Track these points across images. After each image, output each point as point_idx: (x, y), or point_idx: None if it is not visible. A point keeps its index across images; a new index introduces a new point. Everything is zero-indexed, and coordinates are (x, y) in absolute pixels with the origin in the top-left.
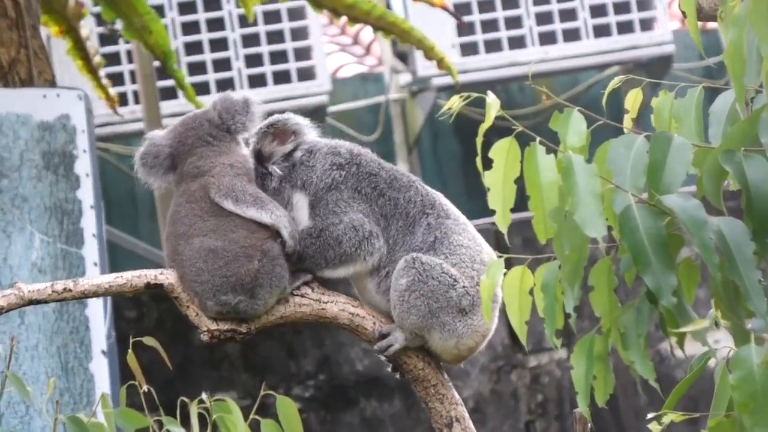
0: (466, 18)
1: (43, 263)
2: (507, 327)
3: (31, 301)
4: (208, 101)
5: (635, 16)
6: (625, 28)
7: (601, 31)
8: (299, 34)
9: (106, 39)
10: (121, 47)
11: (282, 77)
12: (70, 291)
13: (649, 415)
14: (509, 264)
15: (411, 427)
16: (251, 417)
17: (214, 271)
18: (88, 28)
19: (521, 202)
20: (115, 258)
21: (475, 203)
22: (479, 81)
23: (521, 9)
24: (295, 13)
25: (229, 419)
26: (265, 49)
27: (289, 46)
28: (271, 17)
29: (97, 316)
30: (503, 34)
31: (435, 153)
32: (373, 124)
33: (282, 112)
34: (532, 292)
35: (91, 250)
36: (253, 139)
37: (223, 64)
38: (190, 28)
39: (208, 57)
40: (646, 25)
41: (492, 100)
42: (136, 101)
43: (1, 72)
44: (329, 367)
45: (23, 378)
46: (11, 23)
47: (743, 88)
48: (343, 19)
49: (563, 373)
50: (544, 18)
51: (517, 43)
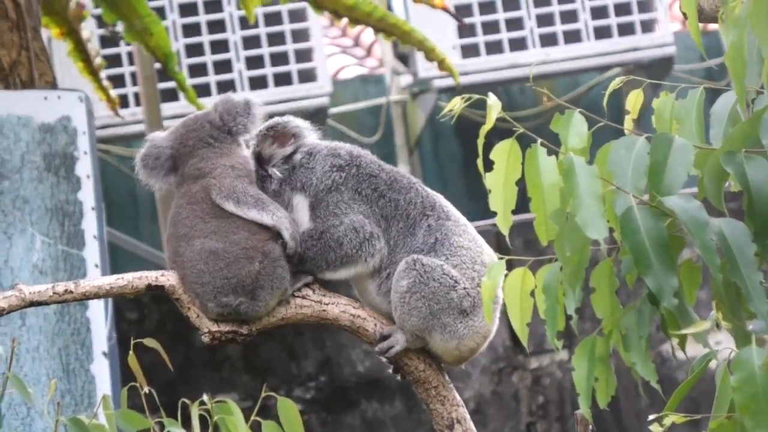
0: (467, 19)
1: (44, 265)
2: (508, 328)
3: (32, 303)
4: (209, 103)
5: (636, 17)
6: (626, 29)
7: (602, 32)
8: (300, 35)
9: (107, 41)
10: (122, 49)
11: (283, 79)
12: (71, 292)
13: (651, 417)
14: (510, 265)
15: (412, 428)
16: (252, 418)
17: (215, 272)
18: (89, 30)
19: (522, 203)
20: (116, 259)
21: (476, 205)
22: (480, 83)
23: (522, 11)
24: (296, 15)
25: (230, 421)
26: (265, 50)
27: (290, 47)
28: (272, 19)
29: (98, 317)
30: (504, 35)
31: (436, 155)
32: (374, 125)
33: (283, 114)
34: (533, 294)
35: (92, 252)
36: (252, 141)
37: (224, 66)
38: (191, 29)
39: (209, 59)
40: (647, 26)
41: (493, 102)
42: (137, 103)
43: (2, 74)
44: (330, 368)
45: (24, 379)
46: (12, 25)
47: (744, 89)
48: (344, 20)
49: (564, 375)
50: (545, 20)
51: (518, 44)
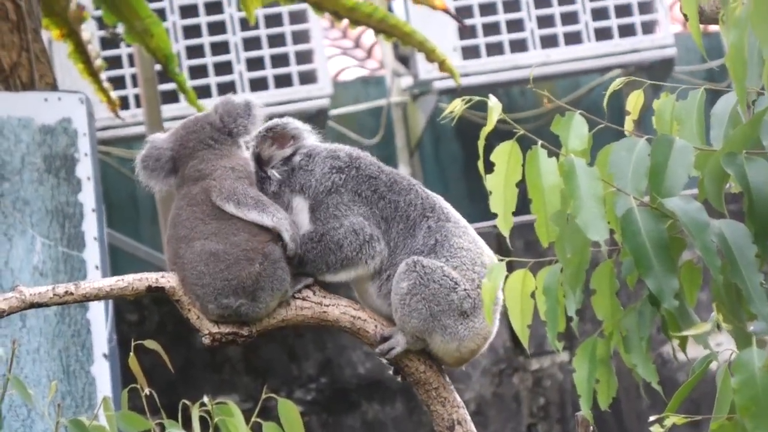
0: (468, 21)
1: (44, 266)
2: (509, 330)
3: (33, 305)
4: (209, 104)
5: (637, 19)
6: (626, 31)
7: (602, 34)
8: (301, 37)
9: (108, 42)
10: (123, 51)
11: (283, 80)
12: (72, 294)
13: (651, 418)
14: (511, 267)
15: (413, 430)
16: (253, 420)
17: (216, 274)
18: (90, 32)
19: (523, 205)
20: (117, 261)
21: (476, 206)
22: (481, 84)
23: (523, 12)
24: (297, 17)
25: (230, 422)
26: (266, 52)
27: (290, 49)
28: (273, 20)
29: (99, 319)
30: (505, 37)
31: (436, 156)
32: (375, 127)
33: (283, 115)
34: (533, 296)
35: (92, 254)
36: (252, 143)
37: (224, 68)
38: (192, 31)
39: (209, 60)
40: (648, 28)
41: (494, 104)
42: (138, 105)
43: (3, 75)
44: (331, 370)
45: (25, 381)
46: (12, 26)
47: (745, 90)
48: (345, 22)
49: (565, 376)
50: (545, 21)
51: (518, 46)
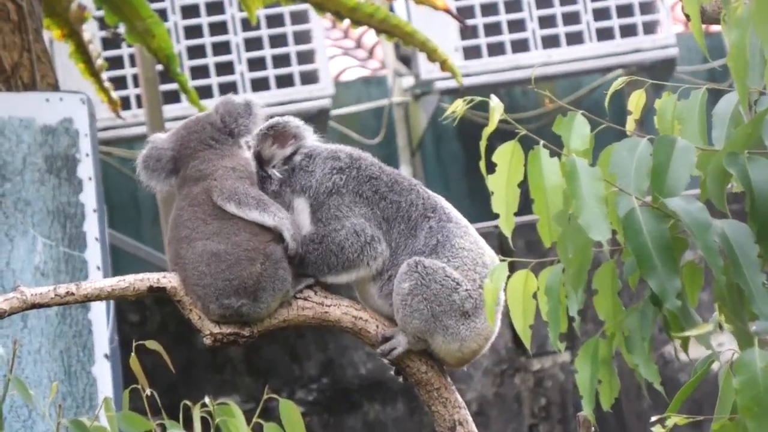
0: (469, 21)
1: (45, 267)
2: (510, 330)
3: (34, 305)
4: (211, 105)
5: (638, 19)
6: (628, 31)
7: (604, 34)
8: (302, 37)
9: (109, 43)
10: (124, 51)
11: (285, 81)
12: (73, 294)
13: (653, 418)
14: (513, 267)
15: (414, 430)
16: (254, 420)
17: (217, 274)
18: (91, 32)
19: (524, 205)
20: (118, 261)
21: (478, 206)
22: (482, 84)
23: (524, 12)
24: (298, 17)
25: (232, 423)
26: (267, 52)
27: (292, 49)
28: (274, 21)
29: (100, 319)
30: (506, 37)
31: (438, 156)
32: (377, 127)
33: (284, 115)
34: (535, 296)
35: (93, 254)
36: (253, 141)
37: (225, 68)
38: (193, 31)
39: (210, 61)
40: (650, 28)
41: (496, 104)
42: (139, 105)
43: (4, 76)
44: (332, 370)
45: (26, 382)
46: (14, 27)
47: (746, 89)
48: (346, 22)
49: (567, 377)
50: (547, 21)
51: (520, 46)
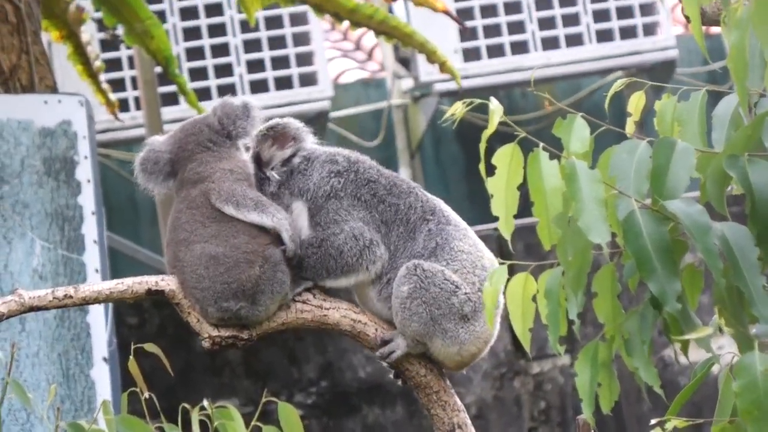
0: (469, 23)
1: (44, 270)
2: (510, 333)
3: (32, 308)
4: (209, 107)
5: (638, 21)
6: (628, 33)
7: (603, 36)
8: (301, 39)
9: (108, 44)
10: (123, 53)
11: (284, 83)
12: (71, 297)
13: (653, 421)
14: (512, 270)
15: None
16: (253, 424)
17: (215, 277)
18: (89, 33)
19: (524, 208)
20: (117, 264)
21: (477, 209)
22: (481, 86)
23: (524, 14)
24: (297, 19)
25: (230, 426)
26: (266, 54)
27: (290, 51)
28: (273, 22)
29: (99, 322)
30: (506, 39)
31: (437, 159)
32: (376, 129)
33: (284, 117)
34: (535, 299)
35: (92, 257)
36: (252, 142)
37: (224, 70)
38: (192, 33)
39: (209, 62)
40: (649, 30)
41: (495, 106)
42: (138, 107)
43: (3, 78)
44: (332, 373)
45: (24, 385)
46: (12, 29)
47: (746, 91)
48: (345, 24)
49: (566, 380)
50: (546, 23)
51: (519, 48)
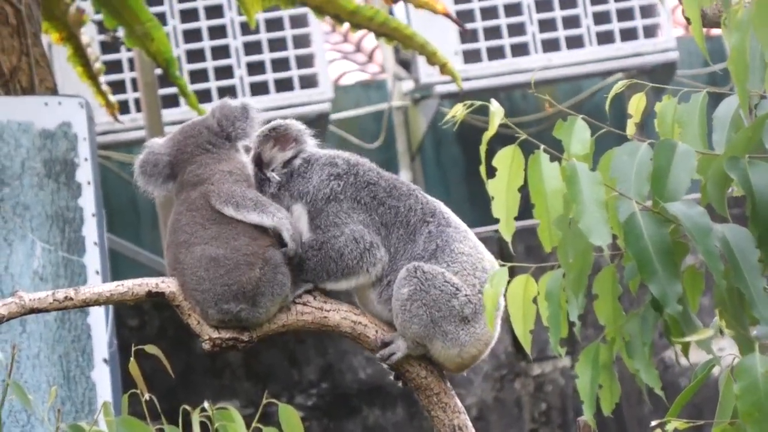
0: (469, 25)
1: (44, 271)
2: (510, 335)
3: (33, 310)
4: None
5: (639, 23)
6: (628, 35)
7: (604, 38)
8: (301, 41)
9: (108, 46)
10: (123, 55)
11: (284, 85)
12: (72, 299)
13: (653, 423)
14: (513, 272)
15: None
16: (254, 425)
17: (216, 279)
18: (89, 35)
19: (524, 210)
20: (117, 266)
21: (478, 211)
22: (482, 88)
23: (524, 16)
24: (298, 21)
25: (231, 427)
26: (267, 56)
27: (291, 53)
28: (273, 25)
29: (99, 324)
30: (506, 41)
31: (438, 160)
32: (376, 131)
33: (286, 118)
34: (535, 301)
35: (92, 259)
36: (253, 143)
37: (225, 72)
38: (192, 35)
39: (210, 65)
40: (650, 31)
41: (496, 108)
42: (138, 109)
43: (3, 80)
44: (332, 375)
45: (25, 386)
46: (12, 31)
47: (747, 93)
48: (346, 26)
49: (567, 382)
50: (547, 25)
51: (520, 50)
